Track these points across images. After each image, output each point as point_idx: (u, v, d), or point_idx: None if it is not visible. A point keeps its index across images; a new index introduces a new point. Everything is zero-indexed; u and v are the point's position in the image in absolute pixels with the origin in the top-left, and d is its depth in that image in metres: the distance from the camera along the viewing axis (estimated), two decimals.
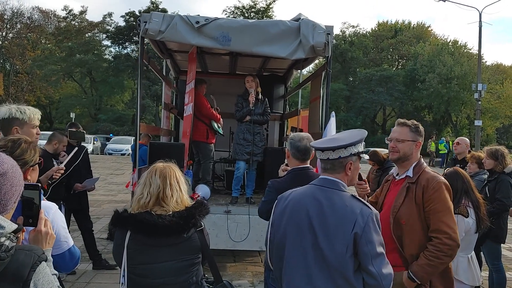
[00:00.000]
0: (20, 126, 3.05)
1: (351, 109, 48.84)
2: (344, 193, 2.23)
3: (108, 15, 51.52)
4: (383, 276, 2.09)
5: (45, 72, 45.18)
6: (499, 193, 4.83)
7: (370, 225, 2.10)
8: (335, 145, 2.27)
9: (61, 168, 3.81)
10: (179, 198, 2.38)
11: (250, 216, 5.66)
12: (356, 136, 2.33)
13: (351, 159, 2.27)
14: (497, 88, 45.85)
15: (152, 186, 2.34)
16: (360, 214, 2.11)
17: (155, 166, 2.43)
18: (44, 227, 1.75)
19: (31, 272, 1.43)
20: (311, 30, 5.28)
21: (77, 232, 6.39)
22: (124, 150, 29.71)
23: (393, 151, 2.92)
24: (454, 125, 48.69)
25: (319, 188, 2.27)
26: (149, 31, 5.21)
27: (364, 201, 2.21)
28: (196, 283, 2.41)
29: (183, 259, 2.33)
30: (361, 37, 53.70)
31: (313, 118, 6.78)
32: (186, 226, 2.29)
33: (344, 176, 2.29)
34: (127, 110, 49.99)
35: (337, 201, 2.19)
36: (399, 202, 2.81)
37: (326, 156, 2.28)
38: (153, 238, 2.26)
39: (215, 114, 6.98)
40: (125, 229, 2.31)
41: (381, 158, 6.30)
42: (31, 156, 2.22)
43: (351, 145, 2.25)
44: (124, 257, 2.28)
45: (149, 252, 2.29)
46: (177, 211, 2.31)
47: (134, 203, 2.38)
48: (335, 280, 2.11)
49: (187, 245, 2.34)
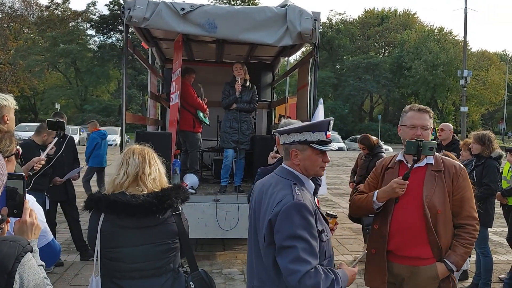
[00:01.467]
0: (8, 112, 3.09)
1: (339, 97, 49.06)
2: (283, 180, 2.12)
3: (92, 4, 51.09)
4: (288, 271, 1.91)
5: (29, 63, 44.48)
6: (486, 178, 4.87)
7: (284, 214, 1.95)
8: (281, 129, 2.22)
9: (42, 159, 3.74)
10: (157, 178, 2.32)
11: (239, 204, 5.64)
12: (307, 123, 2.19)
13: (295, 147, 2.12)
14: (482, 75, 46.37)
15: (130, 166, 2.28)
16: (281, 201, 1.99)
17: (132, 147, 2.37)
18: (29, 218, 1.70)
19: (16, 264, 1.40)
20: (298, 16, 5.23)
21: (64, 224, 6.33)
22: (111, 140, 29.45)
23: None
24: (440, 111, 49.20)
25: (272, 175, 2.23)
26: (134, 18, 5.11)
27: (295, 190, 2.03)
28: (173, 270, 2.36)
29: (159, 243, 2.27)
30: (348, 24, 53.81)
31: (301, 105, 6.75)
32: (161, 206, 2.22)
33: (292, 164, 2.16)
34: (113, 100, 49.54)
35: (274, 188, 2.10)
36: (432, 191, 2.62)
37: (281, 140, 2.21)
38: (126, 219, 2.19)
39: (201, 103, 6.93)
40: (99, 211, 2.24)
41: (372, 143, 6.18)
42: (6, 146, 2.14)
43: (294, 131, 2.12)
44: (98, 240, 2.21)
45: (123, 235, 2.23)
46: (152, 192, 2.25)
47: (109, 184, 2.31)
48: (265, 271, 2.08)
49: (163, 228, 2.28)
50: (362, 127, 45.11)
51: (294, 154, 2.14)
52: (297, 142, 2.12)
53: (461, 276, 5.21)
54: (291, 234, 1.93)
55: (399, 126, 2.83)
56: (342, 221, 6.93)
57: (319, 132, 2.10)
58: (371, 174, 2.97)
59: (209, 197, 5.78)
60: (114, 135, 30.15)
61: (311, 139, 2.09)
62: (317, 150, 2.11)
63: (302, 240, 1.93)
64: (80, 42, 49.04)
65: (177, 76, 6.27)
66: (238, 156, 6.26)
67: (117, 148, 26.71)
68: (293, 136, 2.12)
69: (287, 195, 2.01)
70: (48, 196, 5.19)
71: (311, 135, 2.09)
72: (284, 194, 2.02)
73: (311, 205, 2.05)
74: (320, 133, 2.10)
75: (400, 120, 2.83)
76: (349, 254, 6.39)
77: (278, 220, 1.96)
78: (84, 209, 2.31)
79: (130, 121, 5.81)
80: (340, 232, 7.59)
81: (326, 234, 2.12)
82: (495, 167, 4.92)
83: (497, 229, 7.81)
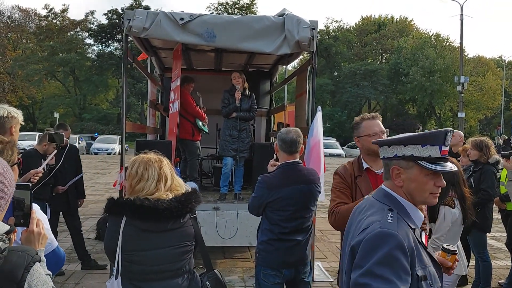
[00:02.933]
0: (15, 125, 3.20)
1: (337, 104, 49.15)
2: (377, 203, 1.72)
3: (90, 13, 51.08)
4: None
5: (27, 72, 44.52)
6: (484, 183, 4.91)
7: (367, 244, 1.58)
8: (381, 140, 1.82)
9: (39, 171, 3.76)
10: (174, 185, 2.39)
11: (238, 212, 5.66)
12: (416, 134, 1.74)
13: (398, 164, 1.68)
14: (479, 81, 46.56)
15: (149, 173, 2.33)
16: (366, 228, 1.63)
17: (148, 156, 2.42)
18: (36, 227, 1.72)
19: (25, 273, 1.41)
20: (296, 25, 5.28)
21: (65, 233, 6.34)
22: (110, 149, 29.45)
23: None
24: (438, 117, 49.32)
25: (368, 197, 1.86)
26: (133, 28, 5.16)
27: (387, 217, 1.63)
28: (189, 271, 2.43)
29: (178, 246, 2.35)
30: (345, 31, 54.03)
31: (300, 113, 6.79)
32: (184, 210, 2.32)
33: (394, 185, 1.71)
34: (112, 109, 49.59)
35: (365, 212, 1.72)
36: None
37: (381, 154, 1.78)
38: (151, 223, 2.26)
39: (200, 112, 6.98)
40: (120, 216, 2.29)
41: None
42: (8, 156, 2.18)
43: (396, 143, 1.68)
44: (119, 244, 2.27)
45: (145, 239, 2.29)
46: (174, 196, 2.33)
47: (129, 191, 2.36)
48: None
49: (183, 231, 2.36)
50: None
51: (396, 173, 1.69)
52: (400, 157, 1.68)
53: (460, 282, 5.21)
54: (368, 270, 1.51)
55: (355, 138, 2.90)
56: None
57: (431, 146, 1.63)
58: (338, 184, 2.85)
59: (209, 205, 5.78)
60: (113, 143, 30.16)
61: (419, 154, 1.64)
62: (427, 170, 1.64)
63: (381, 280, 1.48)
64: (78, 51, 49.12)
65: (177, 85, 6.31)
66: (238, 164, 6.29)
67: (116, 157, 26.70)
68: (396, 149, 1.69)
69: (376, 222, 1.61)
70: (49, 205, 5.22)
71: (419, 150, 1.64)
72: (373, 220, 1.63)
73: (409, 240, 1.60)
74: (432, 148, 1.64)
75: (356, 132, 2.89)
76: None
77: (359, 251, 1.58)
78: (105, 213, 2.37)
79: (129, 130, 5.85)
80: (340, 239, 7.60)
81: (431, 282, 1.63)
82: (492, 172, 4.97)
83: (496, 234, 7.84)
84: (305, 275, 3.32)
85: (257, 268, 3.29)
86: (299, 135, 3.28)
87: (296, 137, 3.25)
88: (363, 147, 2.85)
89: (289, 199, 3.16)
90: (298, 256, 3.24)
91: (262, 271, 3.23)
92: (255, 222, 3.79)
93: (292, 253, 3.21)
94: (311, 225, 3.38)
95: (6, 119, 3.13)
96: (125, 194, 2.40)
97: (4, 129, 3.11)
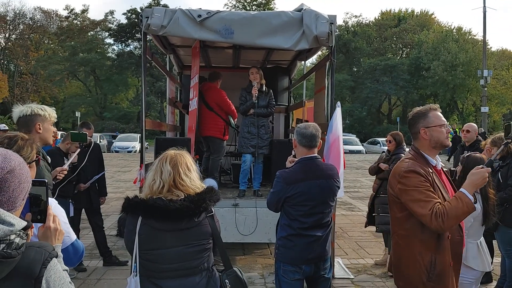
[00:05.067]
0: (42, 122, 3.21)
1: (356, 100, 48.66)
2: None
3: (110, 13, 51.79)
4: None
5: (49, 72, 45.38)
6: (511, 179, 4.79)
7: None
8: None
9: (65, 168, 3.82)
10: (190, 184, 2.39)
11: (257, 208, 5.65)
12: None
13: None
14: (503, 74, 45.48)
15: (164, 173, 2.36)
16: None
17: (167, 153, 2.45)
18: (53, 223, 1.74)
19: (42, 269, 1.42)
20: (314, 20, 5.23)
21: (87, 229, 6.43)
22: (130, 147, 29.79)
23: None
24: (460, 112, 48.40)
25: None
26: (152, 26, 5.19)
27: None
28: (208, 269, 2.44)
29: (195, 244, 2.36)
30: (364, 26, 53.39)
31: (319, 109, 6.74)
32: (197, 210, 2.32)
33: None
34: (132, 108, 50.15)
35: None
36: None
37: None
38: (164, 223, 2.29)
39: (235, 111, 6.82)
40: (137, 215, 2.33)
41: (401, 140, 5.90)
42: (28, 153, 2.21)
43: None
44: (136, 243, 2.30)
45: (161, 237, 2.31)
46: (187, 196, 2.33)
47: (146, 189, 2.39)
48: None
49: (198, 230, 2.36)
50: (381, 129, 44.61)
51: None
52: None
53: (484, 279, 5.11)
54: None
55: (422, 128, 2.64)
56: (362, 224, 6.87)
57: None
58: (421, 182, 2.51)
59: (228, 202, 5.80)
60: (133, 141, 30.49)
61: None
62: None
63: None
64: (99, 51, 49.81)
65: (195, 82, 6.33)
66: (257, 160, 6.27)
67: (137, 155, 27.00)
68: None
69: None
70: (73, 203, 5.29)
71: None
72: None
73: None
74: None
75: (423, 122, 2.66)
76: (369, 257, 6.34)
77: None
78: (121, 212, 2.41)
79: (149, 128, 5.88)
80: (360, 235, 7.53)
81: None
82: None
83: None
84: (325, 272, 3.28)
85: (277, 264, 3.27)
86: (317, 129, 3.25)
87: (315, 132, 3.21)
88: (432, 138, 2.63)
89: (307, 193, 3.13)
90: (318, 252, 3.20)
91: (281, 267, 3.21)
92: (274, 219, 3.77)
93: (312, 249, 3.18)
94: (330, 221, 3.34)
95: (30, 117, 3.16)
96: (141, 192, 2.42)
97: (28, 127, 3.15)
